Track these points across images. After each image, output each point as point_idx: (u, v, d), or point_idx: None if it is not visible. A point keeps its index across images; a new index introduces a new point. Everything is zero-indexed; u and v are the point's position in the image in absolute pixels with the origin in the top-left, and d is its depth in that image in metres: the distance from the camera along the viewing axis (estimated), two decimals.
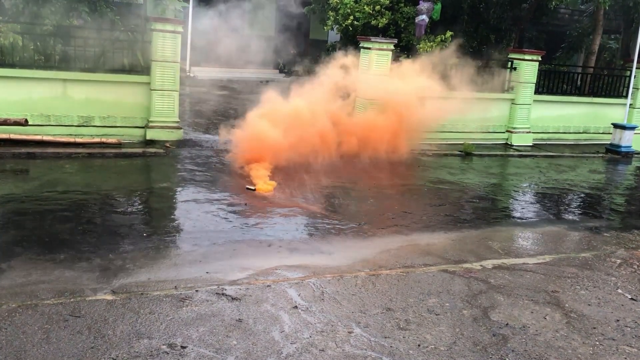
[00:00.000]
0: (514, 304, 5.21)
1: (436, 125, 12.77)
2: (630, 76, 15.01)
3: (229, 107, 11.52)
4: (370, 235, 6.84)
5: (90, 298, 4.67)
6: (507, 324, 4.81)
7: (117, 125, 10.47)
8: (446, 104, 12.46)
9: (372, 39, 12.30)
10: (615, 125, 14.31)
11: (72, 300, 4.61)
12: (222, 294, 4.91)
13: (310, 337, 4.35)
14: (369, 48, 12.32)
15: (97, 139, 9.92)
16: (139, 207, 7.48)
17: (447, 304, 5.10)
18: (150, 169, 9.44)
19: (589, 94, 15.21)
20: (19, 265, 5.18)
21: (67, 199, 7.21)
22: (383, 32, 14.43)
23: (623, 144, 14.01)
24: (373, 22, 14.42)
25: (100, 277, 5.08)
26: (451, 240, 6.92)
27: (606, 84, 15.49)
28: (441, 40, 13.67)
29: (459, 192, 9.32)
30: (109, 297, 4.71)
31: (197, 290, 4.94)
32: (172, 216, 7.20)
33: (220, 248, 6.06)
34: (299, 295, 5.02)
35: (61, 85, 10.03)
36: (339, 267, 5.75)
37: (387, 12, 14.54)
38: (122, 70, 10.74)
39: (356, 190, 9.01)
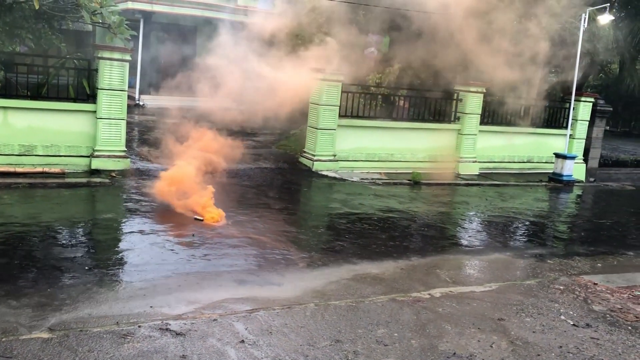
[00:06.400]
0: (461, 333, 5.25)
1: (385, 155, 12.99)
2: (569, 108, 15.67)
3: (177, 135, 11.48)
4: (320, 265, 6.80)
5: (24, 337, 4.44)
6: (454, 354, 4.83)
7: (61, 154, 10.18)
8: (395, 133, 12.71)
9: (323, 69, 12.41)
10: (557, 155, 14.88)
11: (4, 339, 4.36)
12: (166, 329, 4.76)
13: None
14: (320, 79, 12.44)
15: (39, 169, 9.61)
16: (82, 239, 7.22)
17: (396, 334, 5.09)
18: (94, 200, 9.17)
19: (532, 125, 15.76)
20: None
21: (5, 232, 6.89)
22: None
23: (565, 172, 14.55)
24: None
25: (37, 314, 4.85)
26: (400, 269, 6.95)
27: (548, 115, 16.12)
28: (390, 73, 13.95)
29: (408, 221, 9.42)
30: (45, 335, 4.49)
31: (139, 326, 4.77)
32: (117, 248, 6.98)
33: (166, 281, 5.89)
34: (246, 329, 4.91)
35: (1, 114, 9.70)
36: (287, 299, 5.67)
37: None
38: (67, 98, 10.49)
39: (306, 219, 8.98)
